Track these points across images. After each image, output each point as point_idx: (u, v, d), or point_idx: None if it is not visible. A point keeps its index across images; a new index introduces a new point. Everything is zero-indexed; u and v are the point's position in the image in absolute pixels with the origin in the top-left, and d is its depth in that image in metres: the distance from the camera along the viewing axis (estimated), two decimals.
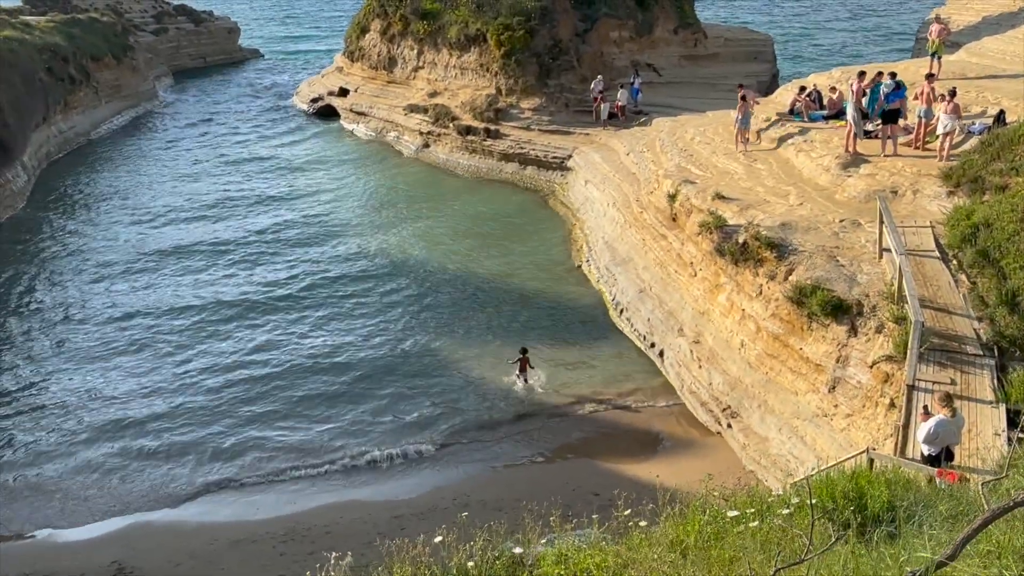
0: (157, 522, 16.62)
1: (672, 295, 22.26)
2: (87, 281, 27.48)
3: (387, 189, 36.63)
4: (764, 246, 18.69)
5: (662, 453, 18.37)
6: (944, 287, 15.42)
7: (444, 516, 14.71)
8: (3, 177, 33.92)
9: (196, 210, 34.13)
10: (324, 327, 24.10)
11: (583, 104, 36.97)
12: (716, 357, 19.51)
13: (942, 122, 20.47)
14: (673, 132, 29.62)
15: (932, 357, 13.56)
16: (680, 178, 23.93)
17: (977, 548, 4.73)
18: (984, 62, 27.41)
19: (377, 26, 45.69)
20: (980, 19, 44.36)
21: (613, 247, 26.56)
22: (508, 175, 36.81)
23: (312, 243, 30.40)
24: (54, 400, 20.67)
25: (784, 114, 26.43)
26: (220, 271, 28.22)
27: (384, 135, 43.31)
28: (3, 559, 15.42)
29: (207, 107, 53.67)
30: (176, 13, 68.80)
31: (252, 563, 15.10)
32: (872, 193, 19.64)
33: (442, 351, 22.67)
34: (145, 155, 42.97)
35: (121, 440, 19.03)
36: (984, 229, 15.64)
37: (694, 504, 6.65)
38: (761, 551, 5.50)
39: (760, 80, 41.26)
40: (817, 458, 15.01)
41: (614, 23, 40.15)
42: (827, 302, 16.31)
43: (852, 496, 6.51)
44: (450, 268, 28.00)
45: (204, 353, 22.71)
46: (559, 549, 6.14)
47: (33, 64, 40.62)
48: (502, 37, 37.68)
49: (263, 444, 18.84)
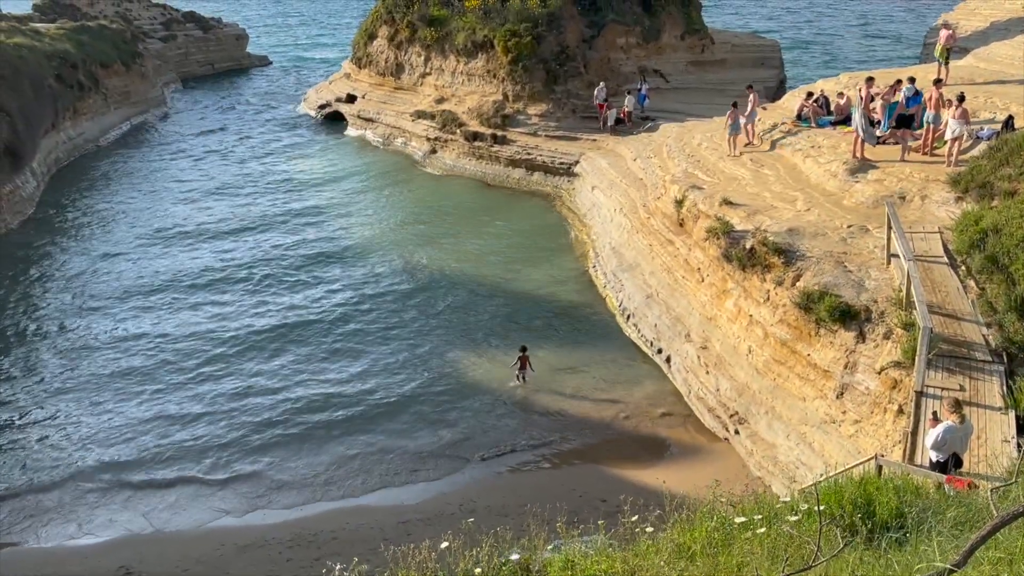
0: (164, 528, 16.62)
1: (679, 301, 22.22)
2: (95, 290, 27.49)
3: (394, 196, 36.67)
4: (771, 252, 18.66)
5: (669, 459, 18.31)
6: (953, 293, 15.35)
7: (450, 522, 14.69)
8: (13, 183, 34.08)
9: (202, 221, 34.03)
10: (327, 339, 24.06)
11: (590, 110, 37.05)
12: (723, 363, 19.46)
13: (950, 127, 20.41)
14: (680, 138, 29.61)
15: (941, 363, 13.49)
16: (687, 184, 23.91)
17: (987, 555, 4.70)
18: (993, 67, 27.34)
19: (385, 32, 45.86)
20: (988, 24, 44.32)
21: (620, 253, 26.54)
22: (515, 181, 36.87)
23: (320, 255, 30.30)
24: (59, 408, 20.67)
25: (792, 119, 26.41)
26: (228, 283, 28.29)
27: (391, 141, 43.43)
28: (11, 565, 15.45)
29: (215, 114, 53.92)
30: (185, 20, 69.25)
31: (259, 568, 15.09)
32: (880, 199, 19.58)
33: (447, 356, 22.65)
34: (153, 162, 43.14)
35: (133, 450, 19.04)
36: (993, 235, 15.55)
37: (701, 510, 6.63)
38: (769, 557, 5.48)
39: (767, 86, 41.24)
40: (825, 465, 14.96)
41: (621, 29, 40.22)
42: (835, 308, 16.25)
43: (860, 503, 6.48)
44: (455, 274, 28.00)
45: (213, 374, 22.39)
46: (566, 555, 6.12)
47: (43, 71, 40.88)
48: (509, 43, 37.77)
49: (272, 457, 18.81)
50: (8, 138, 34.37)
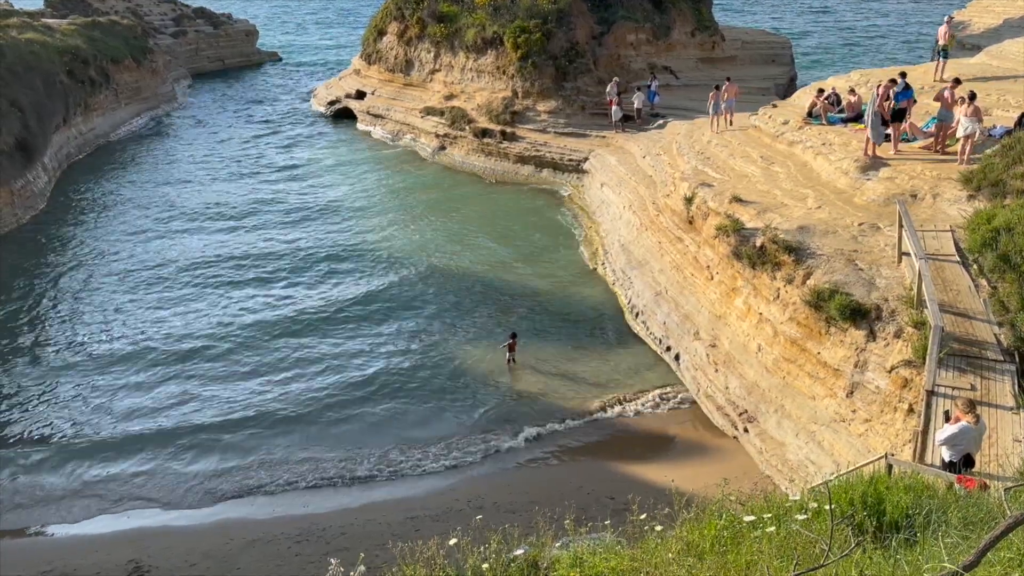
0: (173, 521, 16.70)
1: (688, 298, 22.17)
2: (105, 285, 27.63)
3: (403, 192, 36.68)
4: (782, 249, 18.58)
5: (677, 457, 18.28)
6: (964, 292, 15.25)
7: (459, 518, 14.76)
8: (24, 178, 34.27)
9: (214, 216, 34.21)
10: (341, 334, 24.13)
11: (599, 107, 36.94)
12: (733, 361, 19.40)
13: (962, 125, 20.28)
14: (690, 135, 29.53)
15: (952, 362, 13.41)
16: (697, 181, 23.84)
17: (999, 555, 4.67)
18: (1005, 64, 27.16)
19: (394, 29, 45.85)
20: (1001, 22, 44.04)
21: (629, 250, 26.49)
22: (524, 177, 36.85)
23: (329, 250, 30.42)
24: (73, 400, 20.81)
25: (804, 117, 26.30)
26: (238, 278, 28.40)
27: (400, 137, 43.46)
28: (20, 556, 15.54)
29: (225, 109, 54.05)
30: (195, 16, 69.39)
31: (267, 563, 15.15)
32: (891, 197, 19.48)
33: (456, 354, 22.67)
34: (163, 157, 43.29)
35: (143, 441, 19.15)
36: (1005, 233, 15.45)
37: (710, 508, 6.61)
38: (778, 556, 5.45)
39: (778, 83, 41.09)
40: (835, 464, 14.91)
41: (631, 26, 40.11)
42: (845, 306, 16.18)
43: (870, 502, 6.45)
44: (462, 270, 28.01)
45: (226, 361, 22.66)
46: (574, 552, 6.11)
47: (54, 67, 41.07)
48: (519, 40, 37.71)
49: (283, 450, 18.89)
50: (20, 133, 34.56)
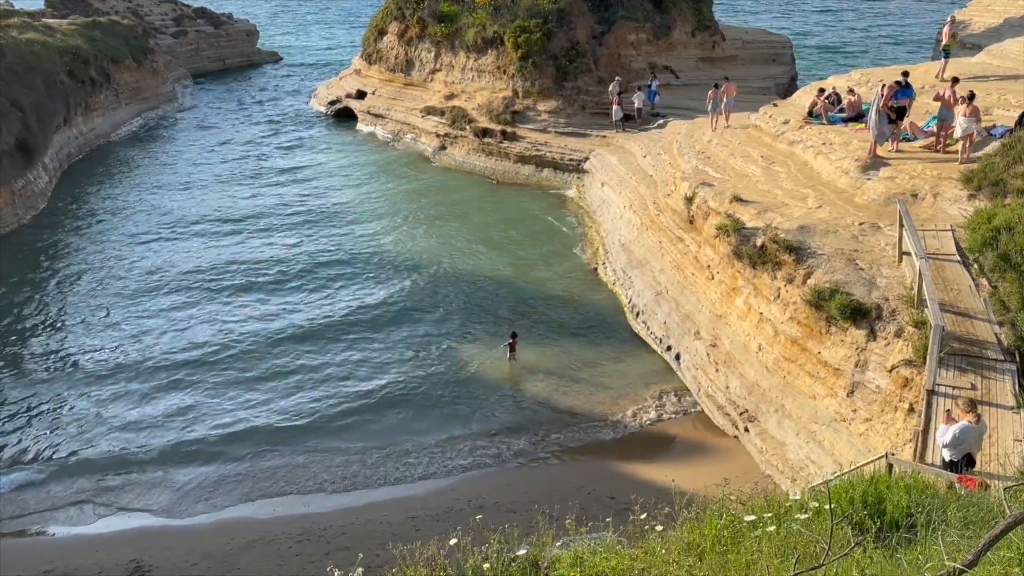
0: (174, 521, 16.71)
1: (689, 298, 22.17)
2: (106, 289, 27.56)
3: (405, 195, 36.60)
4: (782, 249, 18.59)
5: (678, 457, 18.29)
6: (965, 291, 15.26)
7: (459, 518, 14.75)
8: (25, 178, 34.27)
9: (215, 219, 33.97)
10: (344, 340, 24.06)
11: (600, 106, 36.95)
12: (733, 361, 19.41)
13: (961, 125, 20.29)
14: (690, 134, 29.54)
15: (952, 362, 13.42)
16: (697, 180, 23.85)
17: (998, 555, 4.68)
18: (1006, 64, 27.17)
19: (395, 29, 45.86)
20: (1002, 21, 43.99)
21: (629, 249, 26.50)
22: (524, 177, 36.87)
23: (330, 252, 30.38)
24: (65, 398, 20.82)
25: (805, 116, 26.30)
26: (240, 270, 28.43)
27: (401, 137, 43.47)
28: (21, 556, 15.55)
29: (226, 109, 54.03)
30: (196, 16, 69.34)
31: (268, 563, 15.15)
32: (892, 196, 19.49)
33: (455, 353, 22.69)
34: (164, 158, 43.27)
35: (147, 441, 19.17)
36: (1005, 233, 15.46)
37: (711, 508, 6.61)
38: (778, 555, 5.46)
39: (778, 83, 41.09)
40: (836, 463, 14.92)
41: (631, 26, 40.12)
42: (846, 306, 16.18)
43: (871, 501, 6.45)
44: (465, 272, 28.00)
45: (229, 368, 22.60)
46: (575, 552, 6.12)
47: (55, 67, 41.04)
48: (519, 40, 37.73)
49: (285, 458, 18.90)
50: (20, 133, 34.57)
